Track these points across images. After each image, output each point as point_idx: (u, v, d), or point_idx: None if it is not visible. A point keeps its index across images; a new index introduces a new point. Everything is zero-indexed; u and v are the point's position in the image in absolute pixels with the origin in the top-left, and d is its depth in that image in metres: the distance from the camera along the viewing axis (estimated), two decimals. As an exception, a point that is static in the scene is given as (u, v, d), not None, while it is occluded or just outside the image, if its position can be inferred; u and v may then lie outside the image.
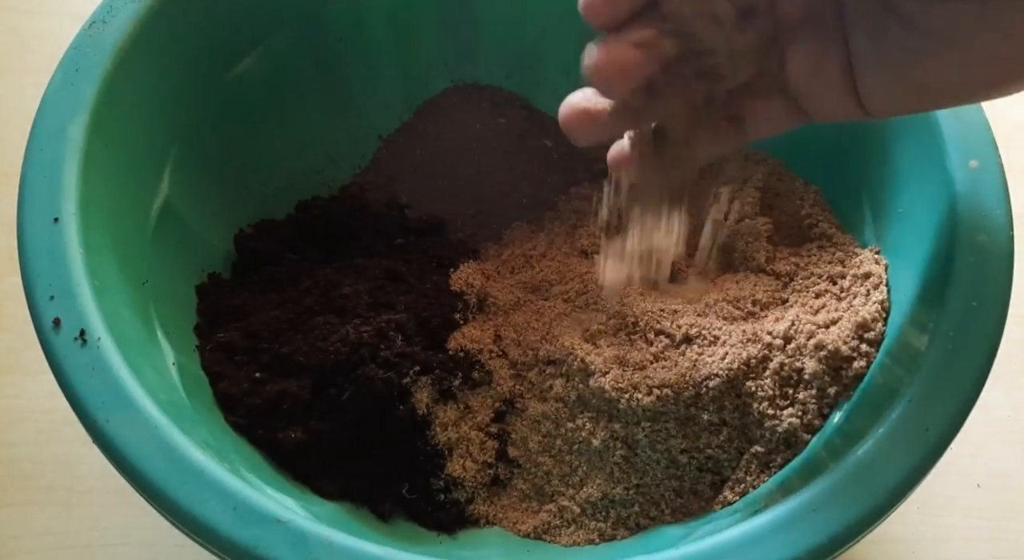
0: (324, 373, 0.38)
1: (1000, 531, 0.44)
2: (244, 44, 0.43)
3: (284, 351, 0.38)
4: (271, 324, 0.39)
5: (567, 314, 0.42)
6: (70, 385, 0.30)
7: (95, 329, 0.31)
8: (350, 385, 0.37)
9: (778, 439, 0.35)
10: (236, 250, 0.44)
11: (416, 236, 0.46)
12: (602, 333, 0.41)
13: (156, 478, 0.28)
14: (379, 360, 0.38)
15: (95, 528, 0.43)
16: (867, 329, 0.35)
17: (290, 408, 0.37)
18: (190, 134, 0.41)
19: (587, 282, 0.43)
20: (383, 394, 0.38)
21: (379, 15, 0.46)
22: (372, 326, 0.39)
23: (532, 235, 0.47)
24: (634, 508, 0.37)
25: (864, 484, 0.29)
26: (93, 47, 0.36)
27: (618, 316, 0.40)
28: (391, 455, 0.38)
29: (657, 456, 0.37)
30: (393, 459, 0.38)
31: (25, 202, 0.33)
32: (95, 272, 0.32)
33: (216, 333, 0.39)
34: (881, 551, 0.43)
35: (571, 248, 0.45)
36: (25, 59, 0.57)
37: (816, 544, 0.28)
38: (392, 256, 0.44)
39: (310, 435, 0.37)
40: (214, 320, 0.40)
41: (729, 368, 0.36)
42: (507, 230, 0.47)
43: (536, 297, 0.44)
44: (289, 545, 0.27)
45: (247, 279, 0.43)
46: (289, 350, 0.38)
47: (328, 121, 0.48)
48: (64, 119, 0.34)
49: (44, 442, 0.45)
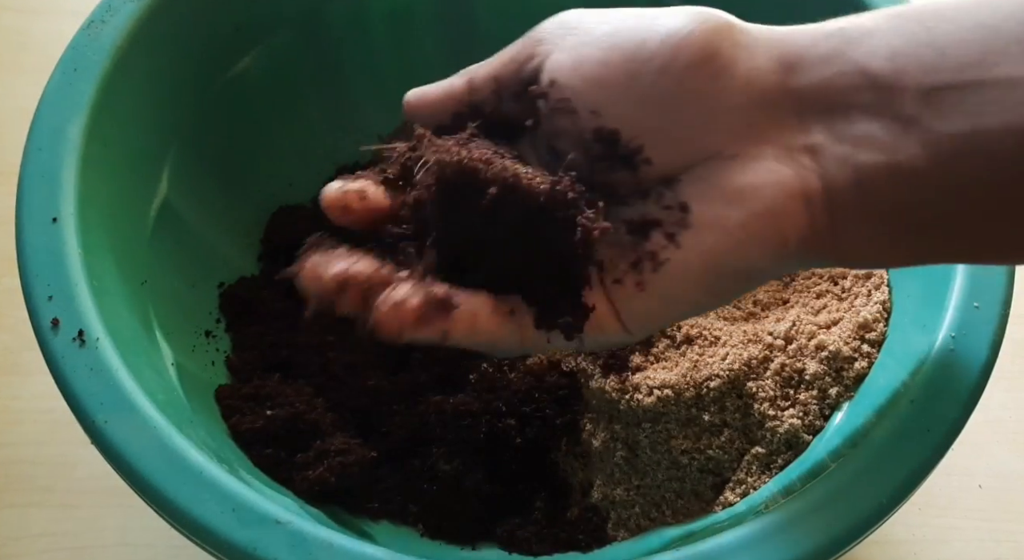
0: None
1: (1001, 532, 0.44)
2: (243, 43, 0.43)
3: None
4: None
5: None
6: (68, 386, 0.30)
7: (93, 330, 0.30)
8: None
9: (779, 440, 0.35)
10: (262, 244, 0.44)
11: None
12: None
13: (154, 479, 0.28)
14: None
15: (93, 529, 0.43)
16: (868, 329, 0.35)
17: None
18: (189, 134, 0.41)
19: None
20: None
21: (379, 14, 0.46)
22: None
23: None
24: (635, 509, 0.37)
25: (865, 485, 0.29)
26: (92, 46, 0.36)
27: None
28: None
29: (658, 457, 0.37)
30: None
31: (23, 202, 0.33)
32: (93, 272, 0.32)
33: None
34: (882, 552, 0.43)
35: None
36: (23, 58, 0.57)
37: (817, 546, 0.27)
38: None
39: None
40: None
41: (730, 369, 0.36)
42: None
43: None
44: (288, 547, 0.27)
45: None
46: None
47: (328, 120, 0.47)
48: (62, 119, 0.34)
49: (42, 443, 0.45)
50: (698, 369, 0.37)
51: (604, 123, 0.27)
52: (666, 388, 0.37)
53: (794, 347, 0.36)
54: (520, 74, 0.29)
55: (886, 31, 0.25)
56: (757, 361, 0.36)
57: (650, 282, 0.27)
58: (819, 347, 0.36)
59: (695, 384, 0.37)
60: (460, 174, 0.26)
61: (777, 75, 0.26)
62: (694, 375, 0.37)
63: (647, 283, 0.27)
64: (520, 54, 0.29)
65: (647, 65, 0.26)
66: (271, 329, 0.42)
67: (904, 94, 0.24)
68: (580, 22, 0.28)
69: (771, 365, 0.36)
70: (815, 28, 0.26)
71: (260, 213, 0.46)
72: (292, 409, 0.38)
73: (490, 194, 0.26)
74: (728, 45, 0.26)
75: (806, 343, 0.36)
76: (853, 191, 0.25)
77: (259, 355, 0.41)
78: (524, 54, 0.29)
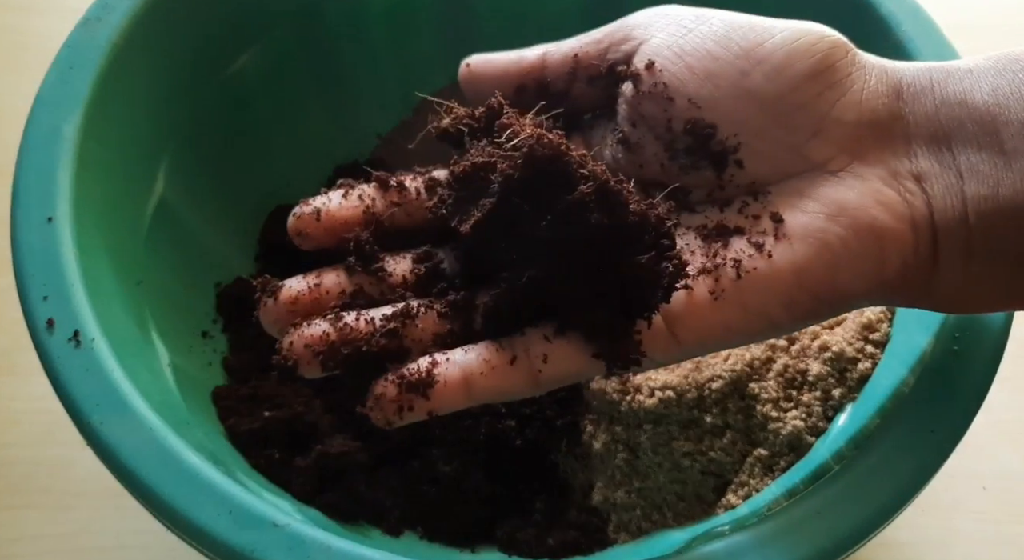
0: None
1: (1006, 534, 0.44)
2: (241, 41, 0.43)
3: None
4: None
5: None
6: (64, 386, 0.29)
7: (89, 330, 0.30)
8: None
9: (782, 442, 0.35)
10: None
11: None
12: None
13: (151, 481, 0.28)
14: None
15: (90, 531, 0.42)
16: (872, 330, 0.35)
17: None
18: (185, 133, 0.41)
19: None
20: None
21: (377, 12, 0.46)
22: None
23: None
24: (636, 512, 0.37)
25: (869, 487, 0.28)
26: (87, 44, 0.36)
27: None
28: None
29: (659, 459, 0.37)
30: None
31: (18, 201, 0.32)
32: (89, 272, 0.32)
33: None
34: (886, 554, 0.43)
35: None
36: (19, 56, 0.57)
37: (821, 548, 0.27)
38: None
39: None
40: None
41: (732, 370, 0.36)
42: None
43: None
44: (286, 549, 0.27)
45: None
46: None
47: (326, 119, 0.47)
48: (58, 117, 0.34)
49: (38, 444, 0.45)
50: (700, 370, 0.37)
51: (702, 116, 0.26)
52: (668, 389, 0.37)
53: (797, 348, 0.36)
54: (606, 55, 0.28)
55: (986, 70, 0.25)
56: (760, 362, 0.36)
57: (729, 291, 0.25)
58: (823, 348, 0.35)
59: (697, 385, 0.37)
60: (553, 160, 0.24)
61: (889, 99, 0.26)
62: (696, 376, 0.37)
63: (725, 292, 0.25)
64: (612, 36, 0.28)
65: (762, 65, 0.26)
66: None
67: (1008, 128, 0.24)
68: (684, 16, 0.27)
69: (774, 366, 0.36)
70: (917, 63, 0.27)
71: (257, 213, 0.46)
72: (290, 410, 0.38)
73: (581, 192, 0.23)
74: (844, 62, 0.26)
75: (809, 344, 0.36)
76: (957, 220, 0.25)
77: (256, 356, 0.40)
78: (618, 36, 0.28)
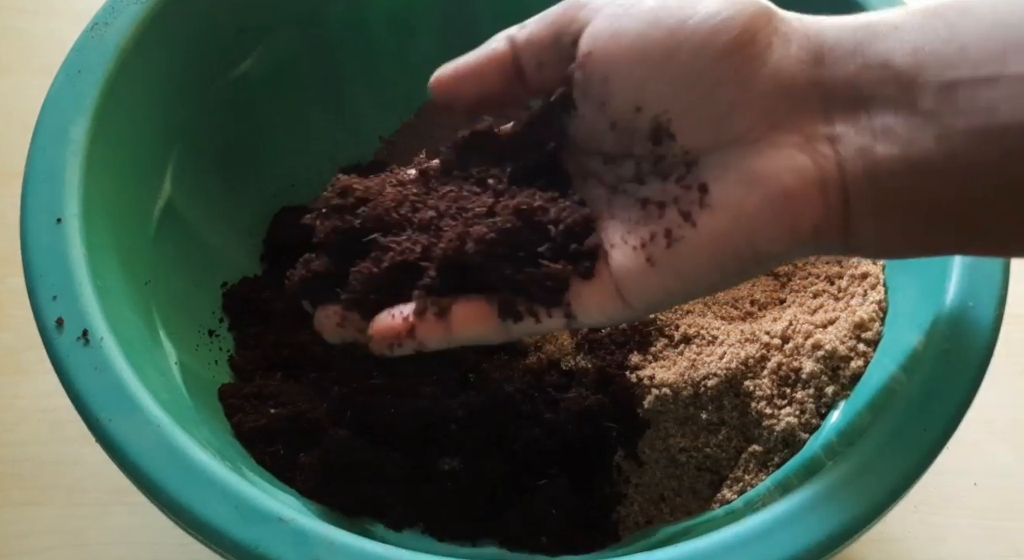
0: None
1: (997, 530, 0.44)
2: (245, 45, 0.43)
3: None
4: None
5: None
6: (72, 385, 0.30)
7: (97, 329, 0.31)
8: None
9: (776, 438, 0.36)
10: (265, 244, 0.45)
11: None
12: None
13: (158, 477, 0.28)
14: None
15: (97, 527, 0.43)
16: (864, 329, 0.35)
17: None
18: (192, 135, 0.41)
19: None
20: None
21: (379, 15, 0.46)
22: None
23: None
24: (633, 507, 0.37)
25: (861, 483, 0.29)
26: (95, 48, 0.36)
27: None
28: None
29: (656, 455, 0.37)
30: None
31: (28, 203, 0.33)
32: (97, 272, 0.32)
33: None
34: (879, 550, 0.43)
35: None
36: (27, 59, 0.57)
37: (813, 542, 0.28)
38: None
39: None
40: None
41: (727, 367, 0.37)
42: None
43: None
44: (291, 544, 0.27)
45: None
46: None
47: (329, 121, 0.48)
48: (66, 120, 0.34)
49: (46, 441, 0.45)
50: (696, 368, 0.37)
51: (635, 96, 0.27)
52: (664, 387, 0.37)
53: (791, 346, 0.36)
54: (559, 39, 0.29)
55: (911, 27, 0.26)
56: (754, 360, 0.37)
57: (662, 258, 0.27)
58: (816, 346, 0.36)
59: (693, 383, 0.37)
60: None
61: (807, 65, 0.26)
62: (692, 374, 0.37)
63: (659, 259, 0.27)
64: (562, 17, 0.29)
65: (684, 44, 0.26)
66: (273, 328, 0.42)
67: (925, 89, 0.25)
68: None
69: (768, 364, 0.36)
70: (845, 21, 0.27)
71: (263, 213, 0.46)
72: (295, 408, 0.38)
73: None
74: (765, 32, 0.27)
75: (803, 342, 0.36)
76: (868, 181, 0.26)
77: (262, 354, 0.41)
78: (566, 17, 0.29)
